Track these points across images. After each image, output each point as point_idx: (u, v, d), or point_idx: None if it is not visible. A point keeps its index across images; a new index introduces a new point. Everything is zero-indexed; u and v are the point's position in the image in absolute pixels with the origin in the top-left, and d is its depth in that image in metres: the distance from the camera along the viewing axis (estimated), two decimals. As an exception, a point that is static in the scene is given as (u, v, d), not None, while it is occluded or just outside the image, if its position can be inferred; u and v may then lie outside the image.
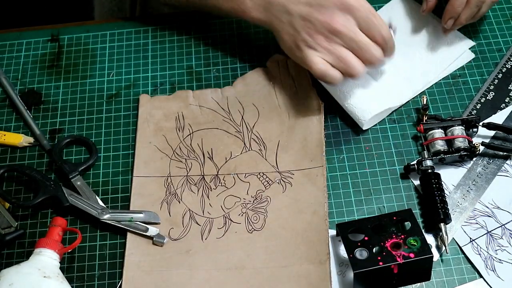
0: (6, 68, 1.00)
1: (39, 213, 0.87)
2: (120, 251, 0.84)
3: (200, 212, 0.85)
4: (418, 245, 0.77)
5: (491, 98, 0.92)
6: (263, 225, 0.84)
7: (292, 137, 0.90)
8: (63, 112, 0.95)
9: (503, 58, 0.96)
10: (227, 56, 0.99)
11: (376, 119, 0.91)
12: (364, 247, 0.77)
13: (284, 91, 0.93)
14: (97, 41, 1.02)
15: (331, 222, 0.84)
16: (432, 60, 0.94)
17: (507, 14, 1.00)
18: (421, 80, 0.93)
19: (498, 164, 0.87)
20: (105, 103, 0.96)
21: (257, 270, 0.81)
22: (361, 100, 0.89)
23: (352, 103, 0.89)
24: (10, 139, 0.92)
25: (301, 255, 0.81)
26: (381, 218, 0.80)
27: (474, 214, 0.84)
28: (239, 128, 0.91)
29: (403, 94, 0.92)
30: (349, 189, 0.87)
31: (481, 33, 0.98)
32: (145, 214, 0.85)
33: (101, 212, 0.85)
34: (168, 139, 0.91)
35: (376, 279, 0.77)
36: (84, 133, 0.93)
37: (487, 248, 0.81)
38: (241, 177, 0.87)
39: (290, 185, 0.86)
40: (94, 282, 0.82)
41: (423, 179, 0.85)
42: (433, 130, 0.87)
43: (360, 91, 0.89)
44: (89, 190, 0.87)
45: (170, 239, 0.84)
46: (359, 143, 0.90)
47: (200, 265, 0.82)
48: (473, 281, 0.80)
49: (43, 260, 0.78)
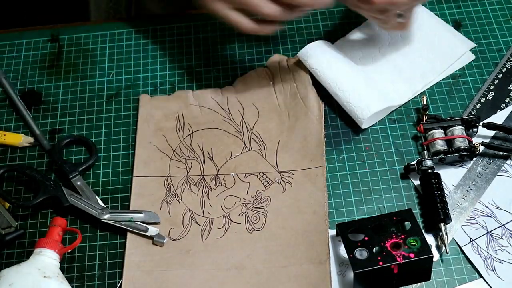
0: (6, 68, 1.00)
1: (39, 213, 0.87)
2: (120, 251, 0.84)
3: (200, 212, 0.85)
4: (418, 245, 0.77)
5: (491, 98, 0.92)
6: (263, 225, 0.84)
7: (292, 137, 0.90)
8: (63, 112, 0.95)
9: (503, 58, 0.96)
10: (227, 56, 0.99)
11: (375, 118, 0.91)
12: (364, 247, 0.77)
13: (284, 91, 0.93)
14: (97, 41, 1.02)
15: (331, 222, 0.84)
16: (433, 61, 0.94)
17: (507, 14, 1.00)
18: (420, 81, 0.93)
19: (498, 164, 0.87)
20: (105, 103, 0.96)
21: (257, 270, 0.81)
22: (360, 99, 0.89)
23: (351, 102, 0.89)
24: (10, 139, 0.92)
25: (301, 255, 0.81)
26: (381, 218, 0.80)
27: (474, 214, 0.84)
28: (239, 128, 0.91)
29: (403, 94, 0.92)
30: (349, 189, 0.87)
31: (481, 33, 0.98)
32: (145, 214, 0.85)
33: (101, 212, 0.85)
34: (168, 139, 0.91)
35: (376, 279, 0.77)
36: (84, 133, 0.93)
37: (487, 248, 0.81)
38: (241, 177, 0.87)
39: (290, 185, 0.86)
40: (94, 282, 0.82)
41: (423, 179, 0.85)
42: (433, 130, 0.87)
43: (359, 90, 0.89)
44: (89, 190, 0.87)
45: (170, 239, 0.84)
46: (359, 143, 0.90)
47: (200, 265, 0.82)
48: (473, 281, 0.80)
49: (43, 260, 0.78)
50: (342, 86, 0.89)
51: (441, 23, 0.98)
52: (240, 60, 0.98)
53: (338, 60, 0.92)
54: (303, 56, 0.93)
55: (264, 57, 0.97)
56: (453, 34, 0.96)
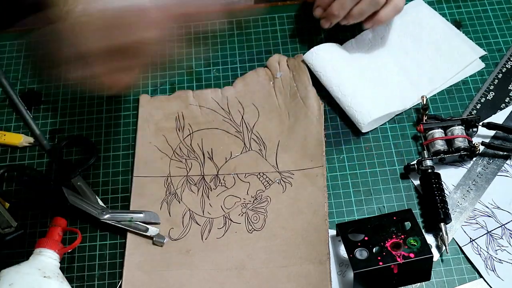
0: (6, 68, 0.99)
1: (39, 213, 0.87)
2: (120, 251, 0.84)
3: (200, 212, 0.85)
4: (418, 245, 0.77)
5: (491, 98, 0.92)
6: (263, 225, 0.84)
7: (292, 137, 0.90)
8: (63, 112, 0.95)
9: (503, 58, 0.96)
10: (227, 56, 0.99)
11: (376, 123, 0.90)
12: (364, 247, 0.77)
13: (284, 91, 0.93)
14: (97, 41, 1.01)
15: (331, 222, 0.84)
16: (441, 67, 0.94)
17: (507, 14, 1.00)
18: (427, 86, 0.93)
19: (498, 164, 0.87)
20: (105, 103, 0.95)
21: (257, 270, 0.81)
22: (362, 104, 0.89)
23: (353, 106, 0.89)
24: (10, 139, 0.92)
25: (301, 255, 0.81)
26: (381, 218, 0.80)
27: (474, 214, 0.84)
28: (239, 128, 0.91)
29: (407, 99, 0.92)
30: (349, 189, 0.87)
31: (481, 33, 0.98)
32: (145, 214, 0.85)
33: (101, 212, 0.85)
34: (168, 139, 0.91)
35: (376, 279, 0.77)
36: (84, 133, 0.93)
37: (487, 248, 0.81)
38: (241, 177, 0.87)
39: (290, 185, 0.86)
40: (94, 282, 0.82)
41: (423, 179, 0.85)
42: (433, 130, 0.87)
43: (362, 95, 0.89)
44: (89, 190, 0.87)
45: (170, 239, 0.84)
46: (359, 143, 0.90)
47: (200, 265, 0.82)
48: (473, 281, 0.80)
49: (43, 260, 0.78)
50: (344, 91, 0.89)
51: (452, 29, 0.97)
52: (240, 60, 0.98)
53: (343, 64, 0.92)
54: (308, 59, 0.93)
55: (264, 57, 0.97)
56: (463, 40, 0.96)
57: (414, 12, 0.98)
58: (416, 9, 0.98)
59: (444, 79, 0.93)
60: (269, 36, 0.99)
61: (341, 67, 0.92)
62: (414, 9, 0.98)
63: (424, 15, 0.98)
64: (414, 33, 0.96)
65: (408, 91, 0.92)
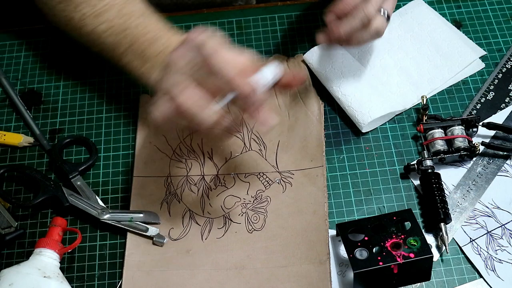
0: (6, 68, 0.99)
1: (39, 213, 0.87)
2: (120, 251, 0.84)
3: (200, 212, 0.85)
4: (418, 245, 0.77)
5: (491, 98, 0.92)
6: (263, 225, 0.84)
7: (292, 137, 0.90)
8: (63, 112, 0.95)
9: (503, 58, 0.96)
10: (227, 56, 0.99)
11: (376, 123, 0.90)
12: (364, 247, 0.77)
13: (284, 91, 0.93)
14: (97, 41, 1.01)
15: (331, 222, 0.84)
16: (441, 67, 0.94)
17: (507, 14, 1.00)
18: (427, 86, 0.93)
19: (498, 164, 0.87)
20: (105, 103, 0.96)
21: (257, 270, 0.81)
22: (362, 104, 0.89)
23: (353, 106, 0.89)
24: (10, 139, 0.92)
25: (301, 255, 0.81)
26: (381, 218, 0.80)
27: (474, 214, 0.84)
28: (239, 128, 0.91)
29: (408, 99, 0.92)
30: (349, 189, 0.87)
31: (481, 33, 0.98)
32: (145, 214, 0.85)
33: (101, 212, 0.85)
34: (168, 139, 0.91)
35: (376, 279, 0.77)
36: (84, 133, 0.93)
37: (487, 248, 0.81)
38: (241, 177, 0.87)
39: (290, 185, 0.86)
40: (94, 282, 0.82)
41: (423, 179, 0.85)
42: (433, 130, 0.87)
43: (362, 95, 0.89)
44: (89, 190, 0.87)
45: (170, 239, 0.84)
46: (359, 143, 0.90)
47: (200, 265, 0.82)
48: (473, 281, 0.80)
49: (43, 260, 0.78)
50: (344, 90, 0.90)
51: (452, 29, 0.97)
52: (240, 60, 0.98)
53: (343, 64, 0.92)
54: (308, 59, 0.93)
55: (264, 57, 0.97)
56: (463, 41, 0.96)
57: (414, 12, 0.98)
58: (416, 9, 0.98)
59: (444, 79, 0.93)
60: (269, 36, 0.99)
61: (341, 67, 0.92)
62: (414, 9, 0.99)
63: (424, 15, 0.98)
64: (414, 33, 0.96)
65: (408, 91, 0.92)
